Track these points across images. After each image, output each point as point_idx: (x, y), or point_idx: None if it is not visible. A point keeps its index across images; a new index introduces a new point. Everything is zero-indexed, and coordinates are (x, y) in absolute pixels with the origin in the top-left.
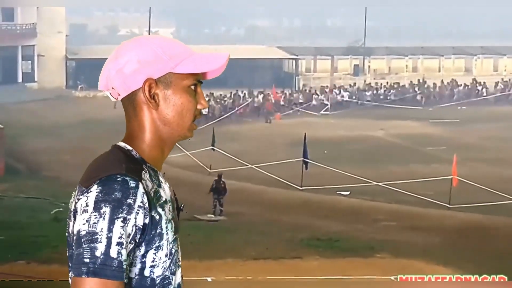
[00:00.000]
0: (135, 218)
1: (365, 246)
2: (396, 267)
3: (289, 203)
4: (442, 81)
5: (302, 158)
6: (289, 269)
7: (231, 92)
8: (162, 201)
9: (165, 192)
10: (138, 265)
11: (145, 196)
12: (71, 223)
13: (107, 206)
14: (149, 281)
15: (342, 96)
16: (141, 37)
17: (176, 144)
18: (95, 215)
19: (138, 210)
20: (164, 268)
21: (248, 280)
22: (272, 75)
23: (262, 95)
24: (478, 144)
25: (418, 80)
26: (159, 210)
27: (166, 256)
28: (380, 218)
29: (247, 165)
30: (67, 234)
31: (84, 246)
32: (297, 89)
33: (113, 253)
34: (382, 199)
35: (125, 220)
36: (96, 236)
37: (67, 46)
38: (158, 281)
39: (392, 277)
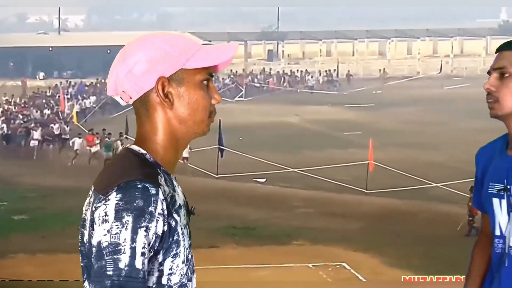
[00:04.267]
0: (155, 226)
1: (283, 233)
2: (313, 254)
3: (205, 191)
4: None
5: (217, 146)
6: (206, 258)
7: None
8: (177, 206)
9: (179, 196)
10: (156, 273)
11: (164, 203)
12: (86, 232)
13: (129, 215)
14: None
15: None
16: (146, 36)
17: None
18: (117, 225)
19: (158, 217)
20: (181, 275)
21: None
22: None
23: None
24: (394, 128)
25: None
26: (175, 216)
27: (183, 263)
28: (297, 205)
29: None
30: (80, 244)
31: (106, 258)
32: None
33: (139, 264)
34: (298, 185)
35: (147, 229)
36: (119, 247)
37: None
38: None
39: (310, 265)
